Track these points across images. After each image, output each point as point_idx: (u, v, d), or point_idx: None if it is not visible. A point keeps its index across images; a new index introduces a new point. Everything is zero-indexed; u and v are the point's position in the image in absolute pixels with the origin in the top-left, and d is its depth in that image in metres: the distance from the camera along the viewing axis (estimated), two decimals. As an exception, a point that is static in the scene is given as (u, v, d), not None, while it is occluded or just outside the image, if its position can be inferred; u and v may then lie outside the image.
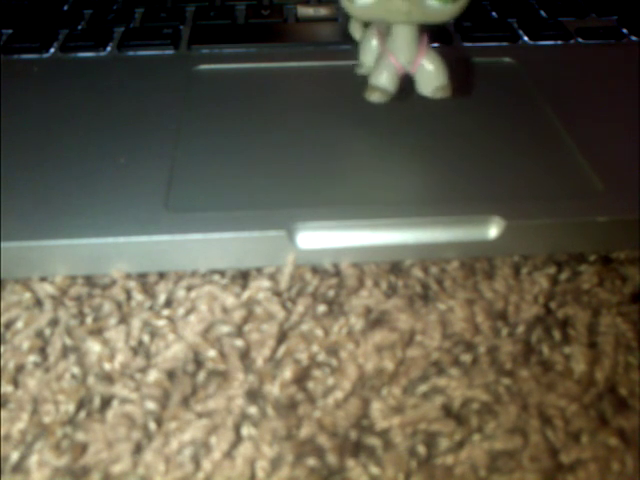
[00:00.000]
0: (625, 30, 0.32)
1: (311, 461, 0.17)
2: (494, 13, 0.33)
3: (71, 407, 0.18)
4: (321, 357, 0.19)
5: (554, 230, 0.21)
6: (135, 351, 0.19)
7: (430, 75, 0.22)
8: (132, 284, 0.21)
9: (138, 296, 0.21)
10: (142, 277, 0.21)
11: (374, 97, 0.23)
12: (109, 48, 0.31)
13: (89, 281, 0.21)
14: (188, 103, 0.26)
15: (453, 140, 0.24)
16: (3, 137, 0.24)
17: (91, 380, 0.19)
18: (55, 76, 0.28)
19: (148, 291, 0.21)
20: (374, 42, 0.24)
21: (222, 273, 0.21)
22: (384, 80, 0.23)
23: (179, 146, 0.24)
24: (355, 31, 0.27)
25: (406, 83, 0.23)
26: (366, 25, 0.25)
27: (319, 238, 0.21)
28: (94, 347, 0.19)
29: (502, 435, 0.17)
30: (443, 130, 0.25)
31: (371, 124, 0.25)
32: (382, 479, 0.17)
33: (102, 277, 0.21)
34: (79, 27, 0.33)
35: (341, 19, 0.33)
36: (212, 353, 0.19)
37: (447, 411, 0.18)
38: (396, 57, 0.22)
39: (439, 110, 0.26)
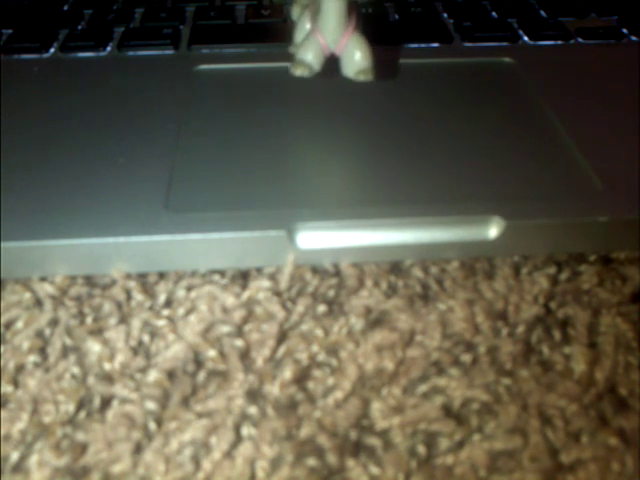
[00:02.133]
0: (625, 30, 0.32)
1: (311, 461, 0.17)
2: (494, 13, 0.33)
3: (71, 407, 0.18)
4: (321, 357, 0.19)
5: (554, 230, 0.21)
6: (135, 351, 0.19)
7: (353, 57, 0.23)
8: (132, 284, 0.21)
9: (138, 296, 0.21)
10: (142, 277, 0.21)
11: (298, 71, 0.23)
12: (109, 48, 0.31)
13: (89, 281, 0.21)
14: (188, 103, 0.26)
15: (453, 140, 0.24)
16: (3, 137, 0.24)
17: (91, 380, 0.19)
18: (55, 76, 0.28)
19: (148, 291, 0.21)
20: (307, 25, 0.24)
21: (222, 273, 0.21)
22: (309, 56, 0.23)
23: (179, 146, 0.24)
24: (295, 14, 0.27)
25: (405, 84, 0.23)
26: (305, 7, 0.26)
27: (319, 238, 0.21)
28: (94, 347, 0.19)
29: (502, 435, 0.17)
30: (443, 130, 0.25)
31: (371, 124, 0.25)
32: (382, 479, 0.17)
33: (102, 277, 0.21)
34: (79, 27, 0.33)
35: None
36: (212, 353, 0.19)
37: (447, 411, 0.18)
38: (323, 36, 0.22)
39: (439, 110, 0.26)
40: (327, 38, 0.22)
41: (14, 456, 0.17)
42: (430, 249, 0.21)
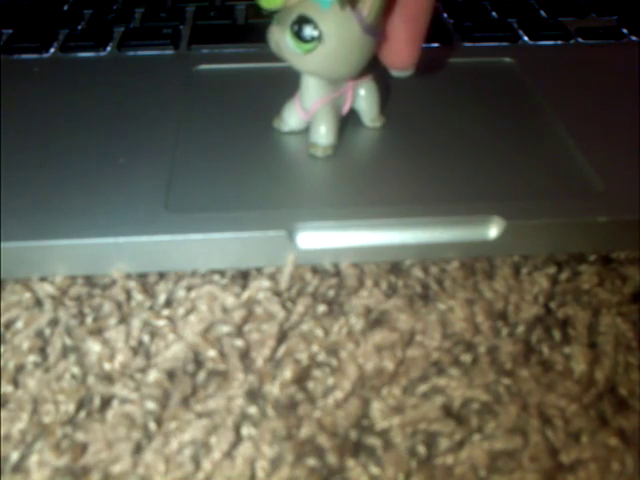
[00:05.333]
0: (625, 30, 0.32)
1: (311, 461, 0.17)
2: (494, 13, 0.33)
3: (71, 407, 0.18)
4: (321, 357, 0.19)
5: (554, 230, 0.21)
6: (135, 351, 0.19)
7: (314, 129, 0.23)
8: (132, 284, 0.21)
9: (138, 296, 0.21)
10: (142, 277, 0.21)
11: (275, 124, 0.24)
12: (109, 48, 0.31)
13: (89, 281, 0.21)
14: (188, 103, 0.26)
15: (453, 140, 0.24)
16: (3, 137, 0.24)
17: (91, 380, 0.19)
18: (55, 76, 0.28)
19: (148, 291, 0.21)
20: (294, 109, 0.24)
21: (222, 273, 0.21)
22: (287, 115, 0.24)
23: (179, 146, 0.24)
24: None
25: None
26: None
27: (319, 238, 0.21)
28: (94, 347, 0.19)
29: (502, 435, 0.17)
30: (443, 130, 0.25)
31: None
32: (382, 479, 0.17)
33: (102, 277, 0.21)
34: (79, 27, 0.33)
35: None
36: (212, 353, 0.19)
37: (447, 411, 0.18)
38: (300, 100, 0.23)
39: (439, 110, 0.26)
40: (302, 103, 0.23)
41: (14, 456, 0.17)
42: (430, 249, 0.21)
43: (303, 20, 0.20)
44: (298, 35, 0.20)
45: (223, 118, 0.25)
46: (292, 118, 0.24)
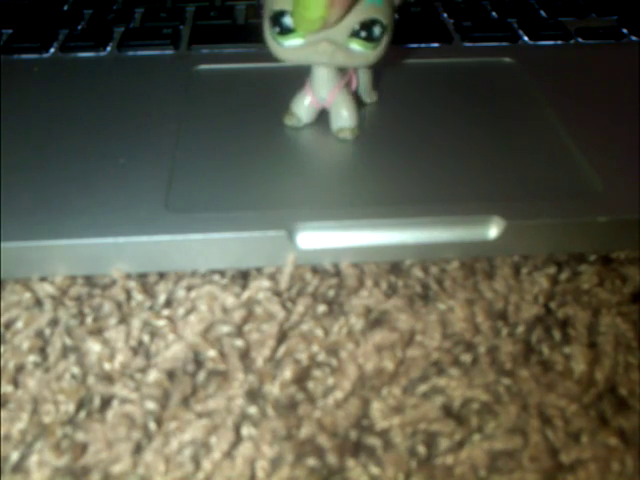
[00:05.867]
0: (625, 30, 0.32)
1: (311, 461, 0.17)
2: (494, 13, 0.33)
3: (71, 407, 0.18)
4: (321, 357, 0.19)
5: (554, 230, 0.21)
6: (135, 351, 0.19)
7: (337, 115, 0.24)
8: (132, 284, 0.21)
9: (138, 296, 0.21)
10: (142, 277, 0.21)
11: (288, 122, 0.25)
12: (109, 48, 0.31)
13: (89, 281, 0.21)
14: (188, 103, 0.26)
15: (453, 140, 0.24)
16: (3, 137, 0.24)
17: (91, 380, 0.19)
18: (55, 76, 0.28)
19: (148, 291, 0.21)
20: (307, 101, 0.24)
21: (222, 273, 0.21)
22: (300, 110, 0.24)
23: (179, 146, 0.24)
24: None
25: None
26: None
27: (319, 238, 0.21)
28: (94, 347, 0.19)
29: (502, 435, 0.17)
30: (443, 130, 0.25)
31: (371, 124, 0.25)
32: (382, 479, 0.17)
33: (102, 277, 0.21)
34: (79, 27, 0.33)
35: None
36: (212, 353, 0.19)
37: (447, 411, 0.18)
38: (313, 92, 0.24)
39: (439, 110, 0.26)
40: (317, 95, 0.24)
41: (14, 456, 0.17)
42: (430, 249, 0.21)
43: (371, 23, 0.20)
44: (369, 38, 0.20)
45: (223, 118, 0.25)
46: (305, 111, 0.24)
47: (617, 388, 0.18)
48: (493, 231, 0.21)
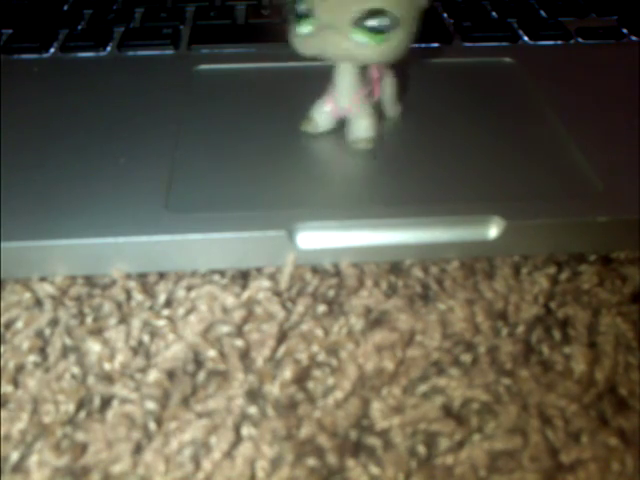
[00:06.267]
0: (625, 30, 0.32)
1: (311, 461, 0.17)
2: (494, 13, 0.33)
3: (71, 407, 0.18)
4: (321, 357, 0.19)
5: (554, 230, 0.21)
6: (135, 351, 0.19)
7: (356, 125, 0.23)
8: (132, 284, 0.21)
9: (138, 296, 0.21)
10: (142, 277, 0.21)
11: (306, 128, 0.24)
12: (109, 48, 0.31)
13: (89, 281, 0.21)
14: (188, 103, 0.26)
15: (453, 140, 0.24)
16: (3, 137, 0.24)
17: (91, 380, 0.19)
18: (55, 76, 0.28)
19: (148, 291, 0.21)
20: (327, 108, 0.24)
21: (222, 273, 0.21)
22: (319, 116, 0.24)
23: (179, 146, 0.24)
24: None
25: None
26: None
27: (319, 238, 0.21)
28: (94, 347, 0.19)
29: (502, 435, 0.17)
30: (443, 130, 0.25)
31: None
32: (382, 479, 0.17)
33: (102, 277, 0.21)
34: (79, 27, 0.33)
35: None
36: (212, 353, 0.19)
37: (447, 411, 0.18)
38: (335, 99, 0.23)
39: (439, 110, 0.26)
40: (337, 102, 0.23)
41: (14, 456, 0.17)
42: (430, 249, 0.21)
43: (375, 13, 0.19)
44: (374, 29, 0.19)
45: (223, 118, 0.25)
46: (324, 118, 0.24)
47: (617, 388, 0.18)
48: (493, 231, 0.21)
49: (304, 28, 0.20)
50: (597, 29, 0.32)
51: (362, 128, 0.23)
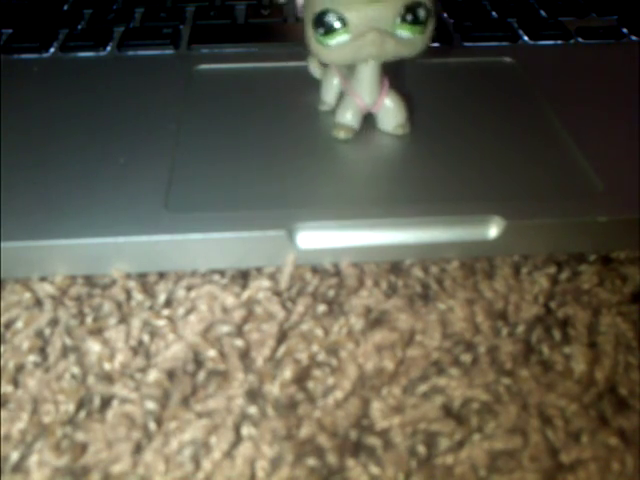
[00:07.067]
0: (625, 30, 0.32)
1: (311, 461, 0.17)
2: (494, 13, 0.33)
3: (71, 407, 0.18)
4: (321, 357, 0.19)
5: (554, 230, 0.21)
6: (135, 351, 0.19)
7: (391, 113, 0.24)
8: (132, 284, 0.21)
9: (138, 296, 0.21)
10: (142, 277, 0.21)
11: (341, 135, 0.24)
12: (109, 48, 0.31)
13: (89, 281, 0.21)
14: (188, 103, 0.26)
15: (453, 140, 0.24)
16: (3, 137, 0.24)
17: (91, 380, 0.19)
18: (55, 76, 0.28)
19: (148, 291, 0.21)
20: (335, 81, 0.25)
21: (222, 273, 0.21)
22: (349, 118, 0.24)
23: (179, 146, 0.24)
24: (315, 70, 0.27)
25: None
26: (325, 65, 0.26)
27: (319, 238, 0.21)
28: (94, 347, 0.19)
29: (502, 435, 0.17)
30: (443, 130, 0.25)
31: (371, 123, 0.25)
32: (382, 479, 0.17)
33: (102, 277, 0.21)
34: (79, 27, 0.33)
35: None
36: (212, 353, 0.19)
37: (447, 411, 0.18)
38: (360, 97, 0.23)
39: (439, 110, 0.26)
40: (365, 99, 0.23)
41: (14, 456, 0.17)
42: (430, 249, 0.21)
43: (416, 5, 0.20)
44: (416, 21, 0.20)
45: (223, 118, 0.25)
46: (356, 120, 0.24)
47: (617, 388, 0.18)
48: (493, 231, 0.21)
49: (339, 39, 0.20)
50: (597, 29, 0.32)
51: (398, 115, 0.24)
